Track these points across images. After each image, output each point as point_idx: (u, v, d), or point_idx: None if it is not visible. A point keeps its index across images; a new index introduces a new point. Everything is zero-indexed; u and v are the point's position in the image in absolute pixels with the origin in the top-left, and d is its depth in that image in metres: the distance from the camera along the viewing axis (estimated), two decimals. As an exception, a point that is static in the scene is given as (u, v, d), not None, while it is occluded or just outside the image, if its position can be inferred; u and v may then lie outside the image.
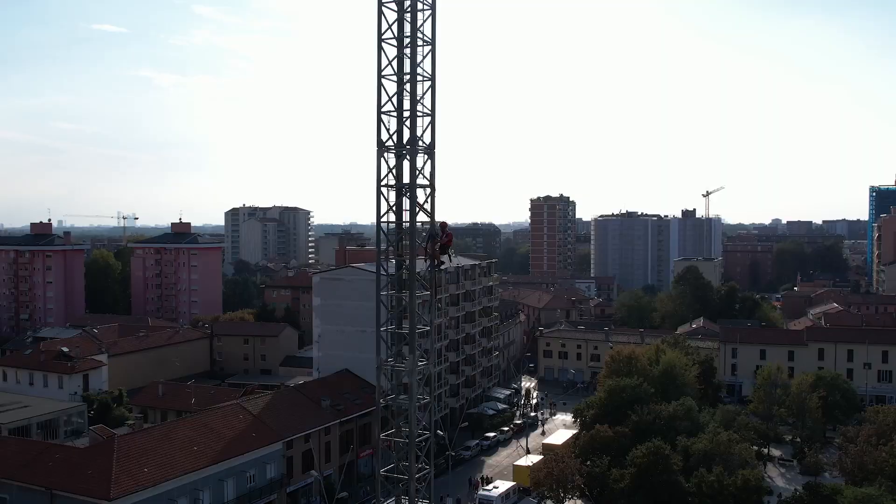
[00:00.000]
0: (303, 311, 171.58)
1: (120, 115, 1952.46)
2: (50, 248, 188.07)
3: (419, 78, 25.99)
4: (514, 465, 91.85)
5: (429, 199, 25.94)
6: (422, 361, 26.32)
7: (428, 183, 26.11)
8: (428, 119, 25.82)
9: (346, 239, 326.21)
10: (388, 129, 25.96)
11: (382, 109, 25.77)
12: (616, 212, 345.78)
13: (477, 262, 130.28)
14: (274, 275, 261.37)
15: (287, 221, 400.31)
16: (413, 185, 25.78)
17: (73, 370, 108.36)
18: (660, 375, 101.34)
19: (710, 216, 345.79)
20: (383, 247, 26.49)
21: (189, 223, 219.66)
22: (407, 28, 25.19)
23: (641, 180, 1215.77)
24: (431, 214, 26.01)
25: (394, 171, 25.84)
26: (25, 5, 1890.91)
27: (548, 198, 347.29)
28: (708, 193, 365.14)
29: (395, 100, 25.61)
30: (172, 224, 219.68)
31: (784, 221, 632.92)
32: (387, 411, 27.35)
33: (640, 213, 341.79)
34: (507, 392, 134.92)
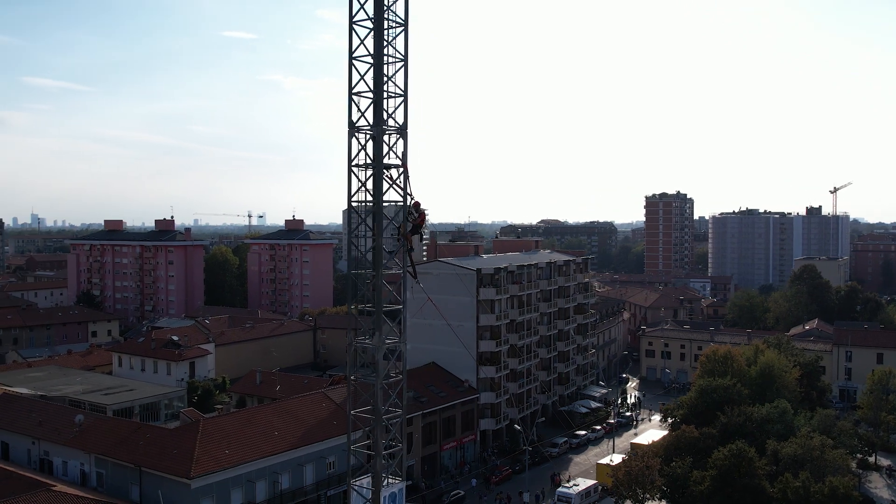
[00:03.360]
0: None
1: (250, 118, 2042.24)
2: (171, 244, 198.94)
3: (391, 59, 26.27)
4: (597, 464, 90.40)
5: (400, 179, 26.25)
6: (392, 339, 26.62)
7: (400, 163, 26.42)
8: (400, 99, 26.11)
9: (458, 235, 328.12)
10: (360, 110, 26.39)
11: (354, 90, 26.22)
12: (736, 209, 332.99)
13: (571, 258, 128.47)
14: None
15: (400, 219, 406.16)
16: (380, 165, 26.06)
17: (181, 357, 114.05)
18: (756, 377, 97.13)
19: (838, 213, 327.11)
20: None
21: (302, 220, 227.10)
22: (402, 11, 25.51)
23: (765, 177, 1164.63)
24: (404, 194, 26.26)
25: (365, 150, 26.30)
26: (163, 16, 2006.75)
27: (663, 195, 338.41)
28: (835, 189, 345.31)
29: (370, 81, 26.08)
30: (286, 221, 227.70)
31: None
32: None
33: (762, 211, 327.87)
34: (604, 390, 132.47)
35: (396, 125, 26.57)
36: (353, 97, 26.31)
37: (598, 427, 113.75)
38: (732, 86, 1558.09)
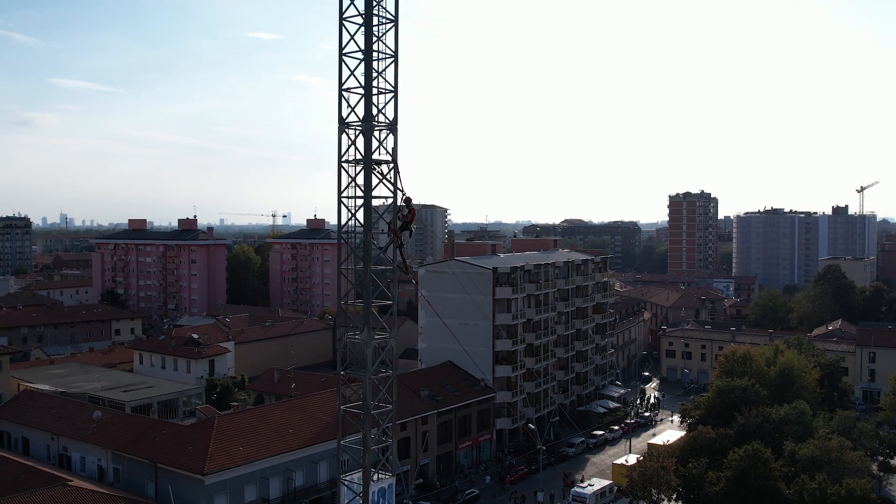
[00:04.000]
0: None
1: (274, 118, 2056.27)
2: (194, 243, 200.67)
3: (382, 55, 26.34)
4: (612, 464, 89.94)
5: (390, 174, 26.33)
6: (381, 335, 26.67)
7: (391, 159, 26.52)
8: (391, 95, 26.22)
9: (478, 235, 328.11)
10: (350, 106, 26.51)
11: (344, 86, 26.35)
12: (761, 209, 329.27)
13: (590, 258, 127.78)
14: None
15: (424, 219, 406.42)
16: (369, 160, 26.12)
17: (200, 355, 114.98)
18: (776, 377, 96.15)
19: (865, 213, 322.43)
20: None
21: (323, 220, 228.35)
22: (392, 8, 25.60)
23: (790, 176, 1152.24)
24: (394, 190, 26.34)
25: (355, 145, 26.41)
26: (188, 17, 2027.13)
27: (687, 194, 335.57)
28: (862, 189, 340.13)
29: (360, 77, 26.23)
30: (307, 220, 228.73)
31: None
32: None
33: (787, 211, 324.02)
34: (623, 391, 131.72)
35: (387, 121, 26.69)
36: (343, 93, 26.50)
37: (616, 427, 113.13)
38: (758, 84, 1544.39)
